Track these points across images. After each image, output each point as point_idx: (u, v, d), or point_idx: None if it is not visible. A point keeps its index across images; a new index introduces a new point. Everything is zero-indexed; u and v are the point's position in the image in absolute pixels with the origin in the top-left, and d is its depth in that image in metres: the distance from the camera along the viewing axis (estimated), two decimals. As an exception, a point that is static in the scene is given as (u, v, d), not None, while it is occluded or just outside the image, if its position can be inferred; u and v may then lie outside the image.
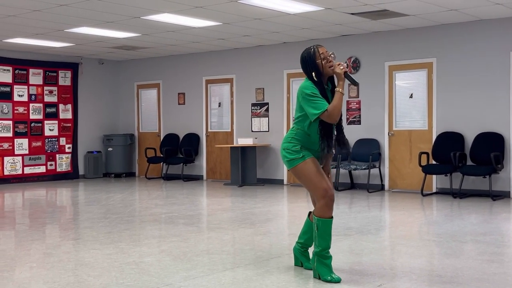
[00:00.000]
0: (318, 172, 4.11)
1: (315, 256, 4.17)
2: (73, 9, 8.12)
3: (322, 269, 4.14)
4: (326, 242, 4.12)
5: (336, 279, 4.08)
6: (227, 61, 12.04)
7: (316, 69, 4.12)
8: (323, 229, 4.10)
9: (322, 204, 4.09)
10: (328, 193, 4.08)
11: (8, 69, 11.91)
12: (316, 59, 4.13)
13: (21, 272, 4.48)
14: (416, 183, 9.71)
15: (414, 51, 9.78)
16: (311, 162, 4.11)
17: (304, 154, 4.11)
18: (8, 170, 11.92)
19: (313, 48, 4.18)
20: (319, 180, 4.08)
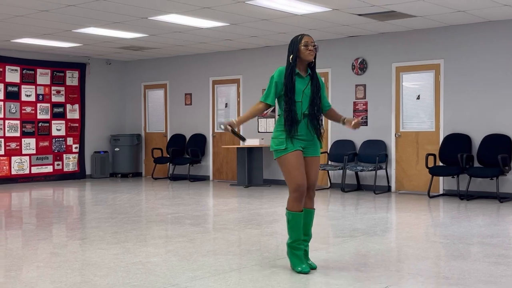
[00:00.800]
0: (296, 166, 4.28)
1: (288, 247, 4.41)
2: (81, 10, 8.15)
3: (293, 260, 4.38)
4: (297, 234, 4.35)
5: (305, 269, 4.30)
6: (234, 62, 12.05)
7: (295, 52, 4.38)
8: (294, 222, 4.33)
9: (292, 198, 4.32)
10: (300, 188, 4.27)
11: (16, 69, 11.96)
12: (299, 44, 4.39)
13: (28, 271, 4.50)
14: (423, 185, 9.68)
15: (421, 52, 9.76)
16: (292, 156, 4.28)
17: (288, 146, 4.29)
18: (16, 169, 11.97)
19: (300, 35, 4.47)
20: (295, 175, 4.27)
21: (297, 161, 4.29)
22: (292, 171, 4.28)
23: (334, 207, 8.35)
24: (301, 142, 4.36)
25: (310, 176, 4.43)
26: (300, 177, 4.28)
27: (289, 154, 4.29)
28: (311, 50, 4.39)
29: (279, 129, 4.36)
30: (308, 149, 4.43)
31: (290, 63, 4.39)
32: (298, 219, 4.33)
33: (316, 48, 4.42)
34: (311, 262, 4.49)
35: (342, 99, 10.61)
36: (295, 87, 4.34)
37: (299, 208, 4.32)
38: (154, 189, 11.02)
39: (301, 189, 4.28)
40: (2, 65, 11.73)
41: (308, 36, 4.46)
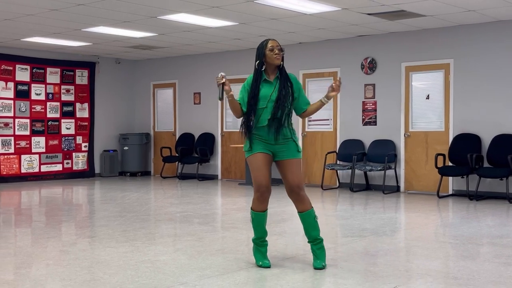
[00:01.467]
0: (257, 167, 4.42)
1: (253, 243, 4.61)
2: (91, 9, 8.18)
3: (256, 255, 4.58)
4: (261, 233, 4.54)
5: (265, 264, 4.48)
6: (242, 61, 12.05)
7: (261, 58, 4.49)
8: (257, 221, 4.52)
9: (254, 198, 4.52)
10: (261, 189, 4.42)
11: (26, 68, 12.01)
12: (265, 49, 4.50)
13: (37, 269, 4.52)
14: (432, 185, 9.65)
15: (431, 52, 9.72)
16: (255, 157, 4.43)
17: (253, 148, 4.44)
18: (25, 168, 12.03)
19: (266, 40, 4.57)
20: (255, 175, 4.43)
21: (259, 163, 4.42)
22: (254, 172, 4.44)
23: (343, 207, 8.33)
24: (269, 146, 4.45)
25: (288, 179, 4.49)
26: (260, 178, 4.42)
27: (253, 156, 4.45)
28: (277, 54, 4.46)
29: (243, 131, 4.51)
30: (281, 152, 4.48)
31: (256, 69, 4.49)
32: (261, 218, 4.50)
33: (281, 51, 4.49)
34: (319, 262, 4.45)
35: (351, 98, 10.59)
36: (259, 93, 4.42)
37: (260, 208, 4.49)
38: (162, 188, 11.04)
39: (262, 190, 4.42)
40: (12, 64, 11.80)
41: (274, 40, 4.54)
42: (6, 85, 11.74)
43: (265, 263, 4.50)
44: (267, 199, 4.48)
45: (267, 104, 4.40)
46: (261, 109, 4.40)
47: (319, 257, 4.48)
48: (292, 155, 4.50)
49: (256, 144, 4.44)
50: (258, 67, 4.48)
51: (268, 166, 4.47)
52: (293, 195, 4.52)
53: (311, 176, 11.14)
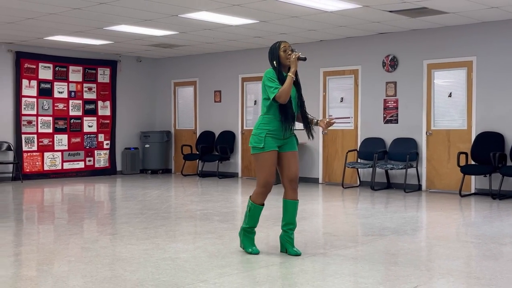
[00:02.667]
0: (269, 165, 4.70)
1: (242, 230, 4.89)
2: (112, 8, 8.24)
3: (246, 242, 4.89)
4: (253, 222, 4.85)
5: (255, 251, 4.82)
6: (263, 59, 11.95)
7: (277, 59, 4.76)
8: (254, 212, 4.81)
9: (258, 192, 4.77)
10: (268, 186, 4.75)
11: (49, 66, 12.15)
12: (279, 50, 4.77)
13: (59, 265, 4.57)
14: (454, 184, 9.55)
15: (453, 49, 9.62)
16: (267, 155, 4.70)
17: (266, 146, 4.68)
18: (48, 165, 12.17)
19: (278, 42, 4.83)
20: (266, 172, 4.70)
21: (270, 161, 4.71)
22: (264, 169, 4.70)
23: (364, 205, 8.29)
24: (278, 141, 4.76)
25: (291, 169, 4.82)
26: (270, 176, 4.72)
27: (265, 153, 4.70)
28: (290, 55, 4.73)
29: (260, 127, 4.74)
30: (286, 145, 4.83)
31: (275, 67, 4.75)
32: (258, 211, 4.82)
33: (294, 52, 4.75)
34: (296, 249, 4.85)
35: (372, 96, 10.53)
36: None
37: (261, 202, 4.81)
38: (183, 185, 11.09)
39: (268, 185, 4.74)
40: (35, 62, 11.94)
41: (286, 42, 4.83)
42: (29, 84, 11.89)
43: (254, 250, 4.84)
44: (267, 194, 4.83)
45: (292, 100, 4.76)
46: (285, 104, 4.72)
47: (292, 243, 4.87)
48: (295, 147, 4.89)
49: (269, 141, 4.70)
50: (278, 66, 4.74)
51: (275, 164, 4.79)
52: (292, 184, 4.86)
53: (332, 175, 11.10)
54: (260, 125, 4.75)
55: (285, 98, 4.65)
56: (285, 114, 4.71)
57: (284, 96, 4.63)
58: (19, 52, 11.70)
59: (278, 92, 4.62)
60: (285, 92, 4.63)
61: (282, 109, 4.70)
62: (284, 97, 4.64)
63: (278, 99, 4.65)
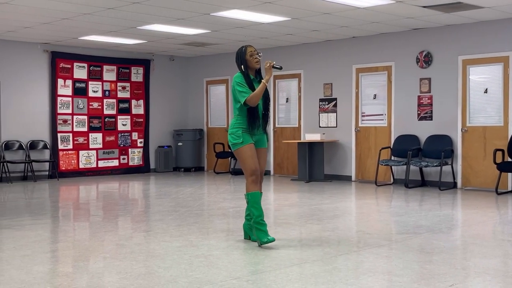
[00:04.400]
0: (251, 156, 5.12)
1: (254, 224, 5.10)
2: (146, 7, 8.31)
3: (259, 234, 5.05)
4: (258, 211, 5.10)
5: (271, 239, 5.01)
6: (295, 56, 12.01)
7: (245, 63, 5.20)
8: (253, 201, 5.11)
9: (249, 182, 5.13)
10: (255, 173, 5.13)
11: (84, 66, 12.33)
12: (245, 55, 5.22)
13: (95, 262, 4.64)
14: (491, 181, 9.38)
15: (489, 44, 9.44)
16: (247, 148, 5.12)
17: (244, 140, 5.11)
18: (83, 163, 12.35)
19: (244, 47, 5.26)
20: (250, 162, 5.11)
21: (252, 152, 5.14)
22: (248, 159, 5.11)
23: (397, 203, 8.21)
24: (253, 137, 5.19)
25: (260, 165, 5.25)
26: (254, 164, 5.13)
27: (245, 146, 5.11)
28: (256, 59, 5.19)
29: (236, 126, 5.14)
30: (258, 141, 5.25)
31: (243, 71, 5.18)
32: (256, 198, 5.12)
33: (260, 56, 5.21)
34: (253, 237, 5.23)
35: (406, 93, 10.41)
36: None
37: (255, 189, 5.14)
38: (216, 183, 11.14)
39: (256, 173, 5.13)
40: (70, 62, 12.13)
41: (251, 46, 5.25)
42: (65, 83, 12.08)
43: (270, 238, 5.01)
44: (259, 181, 5.21)
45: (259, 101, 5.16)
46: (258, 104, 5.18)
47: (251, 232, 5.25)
48: (265, 144, 5.35)
49: (245, 136, 5.13)
50: (245, 70, 5.17)
51: (256, 154, 5.20)
52: (260, 179, 5.29)
53: (365, 172, 11.02)
54: (235, 124, 5.16)
55: (255, 103, 5.07)
56: (252, 115, 5.12)
57: (254, 101, 5.06)
58: (54, 52, 11.90)
59: (249, 97, 5.04)
60: (256, 97, 5.06)
61: (249, 110, 5.12)
62: (254, 101, 5.06)
63: (249, 103, 5.05)
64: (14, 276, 4.16)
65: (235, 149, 5.16)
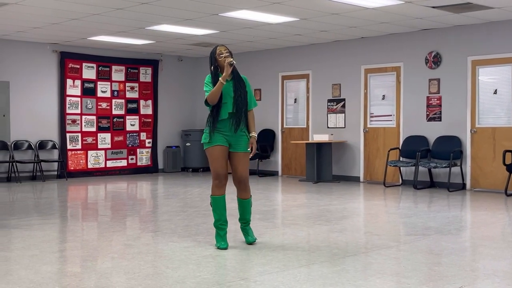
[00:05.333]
0: (218, 158, 4.99)
1: (214, 227, 5.10)
2: (154, 7, 8.33)
3: (216, 237, 5.09)
4: (219, 215, 5.06)
5: (223, 245, 4.99)
6: (303, 57, 12.00)
7: (214, 62, 5.08)
8: (215, 205, 5.07)
9: (213, 185, 5.07)
10: (219, 177, 5.01)
11: (92, 66, 12.37)
12: (215, 55, 5.10)
13: (103, 262, 4.64)
14: (500, 183, 9.33)
15: (498, 45, 9.39)
16: (214, 149, 4.99)
17: (212, 140, 4.99)
18: (92, 163, 12.39)
19: (215, 47, 5.15)
20: (215, 165, 5.00)
21: (217, 154, 4.98)
22: (213, 162, 5.00)
23: (406, 205, 8.18)
24: (228, 138, 5.02)
25: (237, 170, 5.10)
26: (218, 167, 4.99)
27: (212, 147, 5.00)
28: (225, 57, 5.04)
29: (208, 125, 5.04)
30: (234, 145, 5.06)
31: (211, 71, 5.08)
32: (219, 202, 5.06)
33: (230, 55, 5.07)
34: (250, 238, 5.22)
35: (415, 93, 10.37)
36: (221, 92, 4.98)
37: (219, 192, 5.05)
38: (224, 183, 11.12)
39: (220, 177, 5.01)
40: (79, 62, 12.17)
41: (222, 46, 5.15)
42: (74, 83, 12.12)
43: (222, 245, 5.01)
44: (224, 185, 5.08)
45: (227, 100, 5.00)
46: (223, 104, 5.00)
47: (250, 233, 5.23)
48: (244, 149, 5.09)
49: (216, 136, 4.99)
50: (214, 71, 5.06)
51: (225, 157, 5.05)
52: (241, 185, 5.16)
53: (373, 173, 10.99)
54: (207, 123, 5.07)
55: (212, 101, 4.94)
56: (215, 115, 4.99)
57: (210, 99, 4.94)
58: (63, 53, 11.94)
59: (207, 95, 4.95)
60: (212, 96, 4.92)
61: (212, 110, 5.01)
62: (211, 99, 4.94)
63: (208, 101, 4.96)
64: (23, 276, 4.18)
65: (205, 149, 5.08)
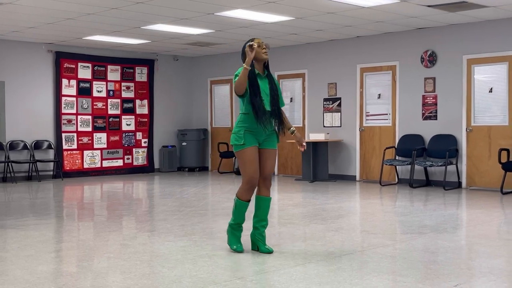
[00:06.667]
0: (251, 160, 4.69)
1: (229, 227, 4.89)
2: (149, 7, 8.31)
3: (231, 238, 4.89)
4: (240, 218, 4.83)
5: (239, 248, 4.80)
6: (299, 56, 12.00)
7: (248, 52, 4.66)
8: (239, 209, 4.79)
9: (244, 188, 4.74)
10: (252, 181, 4.70)
11: (88, 66, 12.34)
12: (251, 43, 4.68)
13: (99, 262, 4.64)
14: (496, 181, 9.35)
15: (494, 43, 9.41)
16: (249, 151, 4.69)
17: (246, 142, 4.69)
18: (88, 163, 12.37)
19: (252, 38, 4.77)
20: (249, 168, 4.68)
21: (253, 157, 4.70)
22: (247, 165, 4.69)
23: (402, 203, 8.19)
24: (258, 137, 4.75)
25: (266, 167, 4.81)
26: (253, 172, 4.69)
27: (247, 149, 4.70)
28: (265, 49, 4.74)
29: (239, 125, 4.75)
30: (264, 142, 4.80)
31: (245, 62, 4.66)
32: (244, 207, 4.79)
33: (268, 47, 4.77)
34: (268, 247, 4.83)
35: (410, 92, 10.39)
36: (260, 87, 4.71)
37: (247, 198, 4.76)
38: (220, 183, 11.13)
39: (253, 182, 4.71)
40: (74, 62, 12.14)
41: (258, 38, 4.78)
42: (69, 83, 12.10)
43: (239, 247, 4.81)
44: (254, 190, 4.80)
45: (263, 97, 4.73)
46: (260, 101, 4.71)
47: (264, 241, 4.87)
48: (274, 145, 4.87)
49: (249, 137, 4.71)
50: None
51: (258, 159, 4.76)
52: (266, 182, 4.84)
53: (369, 172, 11.00)
54: (238, 123, 4.77)
55: (238, 90, 4.61)
56: (255, 111, 4.66)
57: (236, 88, 4.61)
58: (58, 52, 11.92)
59: (234, 84, 4.62)
60: (238, 83, 4.58)
61: (253, 106, 4.67)
62: (237, 88, 4.60)
63: (235, 90, 4.65)
64: (18, 276, 4.17)
65: (236, 151, 4.78)
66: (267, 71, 4.82)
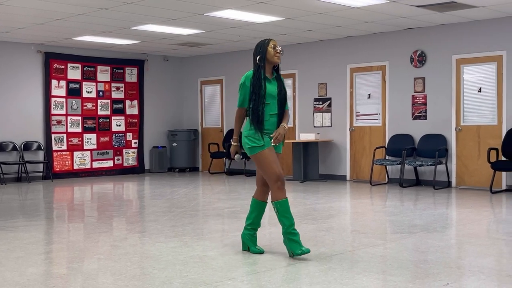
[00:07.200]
0: (274, 160, 4.62)
1: (285, 236, 4.65)
2: (139, 7, 8.29)
3: (292, 245, 4.61)
4: (288, 220, 4.61)
5: (306, 250, 4.57)
6: (289, 56, 12.00)
7: (264, 53, 4.67)
8: (282, 210, 4.61)
9: (275, 188, 4.61)
10: (280, 178, 4.60)
11: (77, 66, 12.29)
12: (268, 46, 4.69)
13: (89, 263, 4.62)
14: (485, 180, 9.41)
15: (482, 43, 9.46)
16: (268, 151, 4.62)
17: (264, 143, 4.61)
18: (78, 164, 12.32)
19: (267, 39, 4.77)
20: (273, 168, 4.59)
21: (274, 156, 4.64)
22: (273, 164, 4.60)
23: (392, 203, 8.22)
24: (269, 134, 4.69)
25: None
26: (277, 169, 4.60)
27: (266, 150, 4.62)
28: (278, 53, 4.69)
29: (250, 128, 4.67)
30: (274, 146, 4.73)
31: (257, 64, 4.68)
32: (285, 206, 4.61)
33: (282, 52, 4.72)
34: (259, 247, 4.84)
35: (400, 92, 10.42)
36: (266, 90, 4.64)
37: (283, 195, 4.62)
38: (210, 183, 11.13)
39: (282, 178, 4.62)
40: (64, 63, 12.09)
41: (274, 40, 4.75)
42: (59, 84, 12.05)
43: (305, 250, 4.59)
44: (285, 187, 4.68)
45: (270, 100, 4.67)
46: (266, 104, 4.65)
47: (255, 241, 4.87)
48: (281, 149, 4.86)
49: (265, 138, 4.65)
50: (260, 62, 4.67)
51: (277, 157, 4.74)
52: (267, 187, 4.79)
53: (360, 172, 11.03)
54: (250, 126, 4.69)
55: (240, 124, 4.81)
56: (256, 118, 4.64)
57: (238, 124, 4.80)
58: (48, 53, 11.86)
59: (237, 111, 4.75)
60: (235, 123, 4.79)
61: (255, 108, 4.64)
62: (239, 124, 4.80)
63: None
64: (8, 278, 4.15)
65: (254, 154, 4.62)
66: (276, 73, 4.77)
